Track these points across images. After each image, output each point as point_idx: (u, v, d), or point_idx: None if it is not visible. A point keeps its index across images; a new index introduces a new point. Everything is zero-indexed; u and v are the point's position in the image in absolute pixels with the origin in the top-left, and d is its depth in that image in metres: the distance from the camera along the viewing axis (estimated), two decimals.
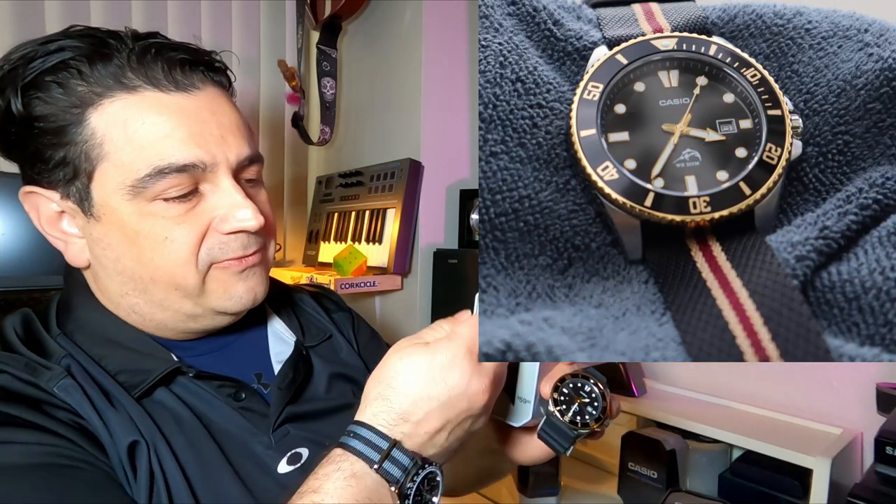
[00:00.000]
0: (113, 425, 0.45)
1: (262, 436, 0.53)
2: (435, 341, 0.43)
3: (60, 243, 0.52)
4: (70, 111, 0.46)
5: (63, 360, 0.47)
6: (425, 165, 1.40)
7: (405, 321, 1.44)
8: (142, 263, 0.49)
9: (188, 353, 0.54)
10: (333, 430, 0.58)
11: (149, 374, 0.49)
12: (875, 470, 0.69)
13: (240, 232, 0.51)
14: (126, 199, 0.47)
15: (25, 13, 1.19)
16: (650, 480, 0.92)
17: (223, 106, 0.51)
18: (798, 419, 0.95)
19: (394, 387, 0.41)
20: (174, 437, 0.48)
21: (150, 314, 0.52)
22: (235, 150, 0.51)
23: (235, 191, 0.50)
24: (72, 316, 0.52)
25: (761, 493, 0.89)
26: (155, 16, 1.35)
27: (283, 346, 0.62)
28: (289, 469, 0.53)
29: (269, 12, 1.58)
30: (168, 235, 0.48)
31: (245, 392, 0.54)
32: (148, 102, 0.47)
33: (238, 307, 0.53)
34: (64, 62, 0.45)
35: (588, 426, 0.45)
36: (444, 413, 0.41)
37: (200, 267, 0.50)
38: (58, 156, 0.47)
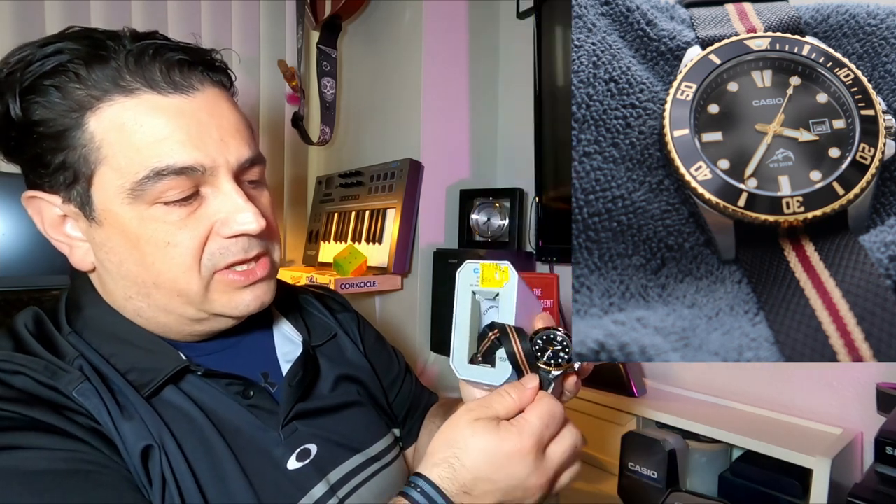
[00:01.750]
0: (126, 434, 0.46)
1: (272, 432, 0.54)
2: (506, 427, 0.43)
3: (65, 247, 0.52)
4: (69, 115, 0.46)
5: (76, 361, 0.47)
6: (425, 165, 1.40)
7: (405, 321, 1.44)
8: (144, 268, 0.49)
9: (195, 352, 0.55)
10: (339, 427, 0.60)
11: (158, 372, 0.50)
12: (875, 470, 0.69)
13: (241, 235, 0.51)
14: (126, 203, 0.47)
15: (25, 13, 1.19)
16: (650, 480, 0.92)
17: (223, 107, 0.51)
18: (798, 419, 0.95)
19: (461, 458, 0.43)
20: (184, 437, 0.49)
21: (154, 317, 0.52)
22: (235, 153, 0.50)
23: (236, 194, 0.50)
24: (81, 314, 0.52)
25: (761, 493, 0.89)
26: (155, 16, 1.35)
27: (290, 345, 0.63)
28: (298, 465, 0.54)
29: (269, 12, 1.58)
30: (170, 240, 0.48)
31: (253, 390, 0.54)
32: (145, 105, 0.47)
33: (243, 313, 0.54)
34: (62, 65, 0.45)
35: (560, 366, 0.47)
36: (500, 497, 0.43)
37: (203, 273, 0.50)
38: (57, 160, 0.47)
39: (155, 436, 0.47)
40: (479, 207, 1.42)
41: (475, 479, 0.42)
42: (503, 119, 1.55)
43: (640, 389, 1.08)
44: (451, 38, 1.44)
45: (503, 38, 1.54)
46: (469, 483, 0.42)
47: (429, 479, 0.42)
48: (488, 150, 1.54)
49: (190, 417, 0.50)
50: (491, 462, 0.42)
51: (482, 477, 0.42)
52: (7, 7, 1.17)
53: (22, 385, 0.44)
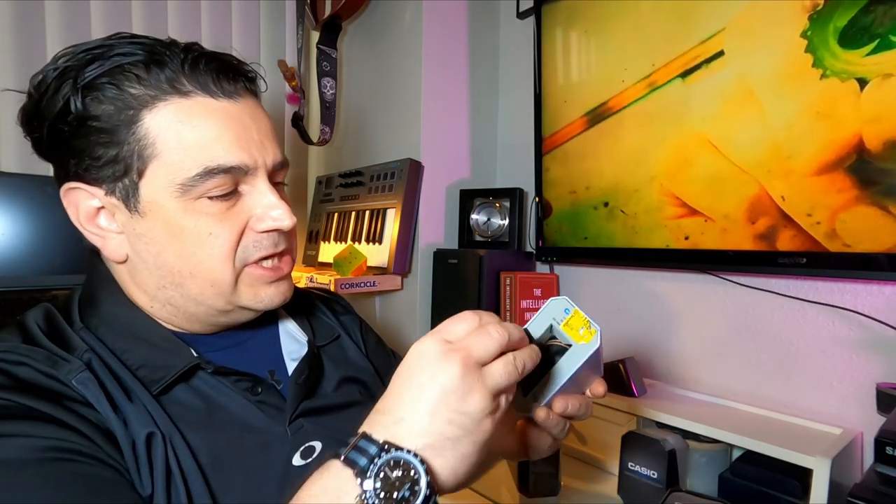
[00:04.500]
0: (130, 418, 0.47)
1: (279, 428, 0.55)
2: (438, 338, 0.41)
3: (98, 239, 0.53)
4: (125, 112, 0.49)
5: (85, 355, 0.49)
6: (425, 165, 1.40)
7: (405, 321, 1.44)
8: (183, 258, 0.52)
9: (207, 347, 0.56)
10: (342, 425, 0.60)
11: (170, 369, 0.51)
12: (875, 470, 0.69)
13: (273, 231, 0.55)
14: (174, 197, 0.50)
15: (25, 13, 1.19)
16: (650, 480, 0.92)
17: (260, 113, 0.56)
18: (798, 419, 0.95)
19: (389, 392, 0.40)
20: (190, 432, 0.49)
21: (185, 307, 0.54)
22: (272, 155, 0.55)
23: (271, 192, 0.54)
24: (97, 311, 0.54)
25: (761, 493, 0.89)
26: (155, 16, 1.35)
27: (296, 344, 0.64)
28: (302, 462, 0.55)
29: (269, 12, 1.58)
30: (212, 231, 0.51)
31: (261, 387, 0.56)
32: (199, 107, 0.50)
33: (268, 306, 0.57)
34: (121, 66, 0.49)
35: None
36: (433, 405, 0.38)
37: (237, 265, 0.53)
38: (109, 154, 0.49)
39: (161, 427, 0.48)
40: (479, 207, 1.42)
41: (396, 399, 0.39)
42: (503, 119, 1.55)
43: (640, 389, 1.08)
44: (451, 38, 1.44)
45: (503, 39, 1.54)
46: (391, 406, 0.39)
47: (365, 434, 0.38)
48: (488, 150, 1.54)
49: (198, 413, 0.51)
50: (411, 370, 0.39)
51: (402, 388, 0.39)
52: (7, 7, 1.17)
53: (24, 375, 0.45)
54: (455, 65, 1.45)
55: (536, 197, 1.32)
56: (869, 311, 0.89)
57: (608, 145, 1.15)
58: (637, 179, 1.10)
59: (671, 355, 1.17)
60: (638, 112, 1.09)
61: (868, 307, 0.90)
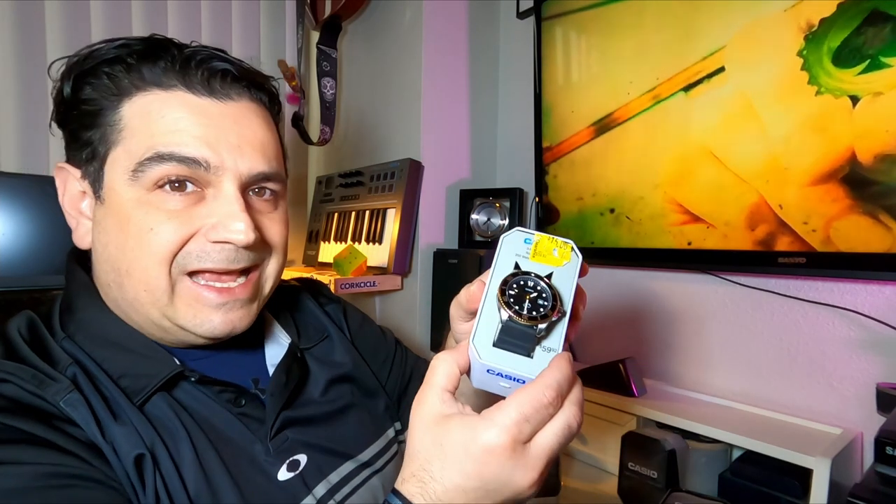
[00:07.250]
0: (118, 440, 0.44)
1: (261, 444, 0.53)
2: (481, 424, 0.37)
3: (73, 221, 0.54)
4: (109, 98, 0.49)
5: (69, 369, 0.46)
6: (425, 165, 1.39)
7: (405, 321, 1.44)
8: (123, 252, 0.49)
9: (189, 356, 0.54)
10: (330, 434, 0.58)
11: (152, 378, 0.49)
12: (875, 470, 0.69)
13: (226, 243, 0.50)
14: (128, 185, 0.49)
15: (25, 13, 1.19)
16: (650, 480, 0.92)
17: (252, 119, 0.53)
18: (798, 419, 0.95)
19: (430, 469, 0.38)
20: (176, 446, 0.48)
21: (127, 314, 0.52)
22: (249, 162, 0.51)
23: (236, 201, 0.50)
24: (74, 317, 0.52)
25: (761, 493, 0.89)
26: (155, 16, 1.35)
27: (278, 348, 0.61)
28: (289, 476, 0.53)
29: (269, 12, 1.58)
30: (154, 227, 0.48)
31: (245, 398, 0.53)
32: (175, 101, 0.49)
33: (208, 334, 0.51)
34: (119, 57, 0.49)
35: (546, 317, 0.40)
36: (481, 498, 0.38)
37: (173, 271, 0.49)
38: (85, 136, 0.50)
39: (147, 444, 0.45)
40: (479, 207, 1.42)
41: (445, 490, 0.38)
42: (503, 119, 1.55)
43: (640, 389, 1.08)
44: (451, 38, 1.44)
45: (503, 39, 1.54)
46: (441, 494, 0.38)
47: (402, 496, 0.39)
48: (488, 150, 1.54)
49: (182, 427, 0.49)
50: (461, 470, 0.37)
51: (454, 486, 0.37)
52: (7, 7, 1.17)
53: (11, 393, 0.43)
54: (455, 65, 1.45)
55: (536, 197, 1.32)
56: (869, 311, 0.89)
57: (614, 154, 1.17)
58: (642, 187, 1.12)
59: (671, 355, 1.17)
60: (643, 123, 1.11)
61: (868, 307, 0.90)
